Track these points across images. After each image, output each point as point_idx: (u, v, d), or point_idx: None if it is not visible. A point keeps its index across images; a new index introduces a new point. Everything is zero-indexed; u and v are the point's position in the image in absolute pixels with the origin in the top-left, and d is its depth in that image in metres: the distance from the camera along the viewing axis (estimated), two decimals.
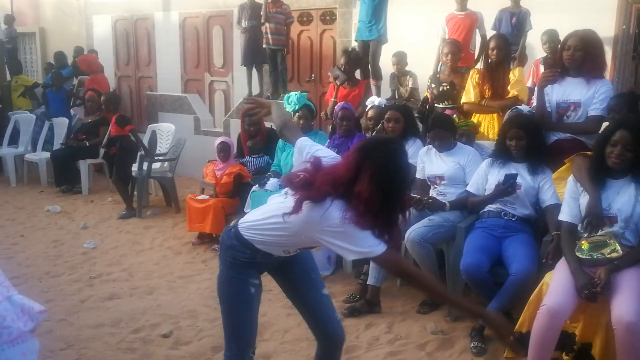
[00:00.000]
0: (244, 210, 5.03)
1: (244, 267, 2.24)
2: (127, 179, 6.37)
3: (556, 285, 2.77)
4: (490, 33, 5.61)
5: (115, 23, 11.11)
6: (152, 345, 3.35)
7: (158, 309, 3.84)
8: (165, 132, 7.00)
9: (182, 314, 3.77)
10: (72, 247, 5.14)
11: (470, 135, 4.32)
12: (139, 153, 6.36)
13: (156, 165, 6.44)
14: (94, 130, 7.17)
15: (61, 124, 7.78)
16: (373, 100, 5.08)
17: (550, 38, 5.38)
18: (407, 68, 6.06)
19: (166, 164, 6.54)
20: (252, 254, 2.21)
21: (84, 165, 7.06)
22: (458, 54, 5.03)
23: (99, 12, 11.29)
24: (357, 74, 6.08)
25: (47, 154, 7.51)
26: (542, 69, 5.47)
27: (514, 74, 4.56)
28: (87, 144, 7.06)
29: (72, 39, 10.85)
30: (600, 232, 2.81)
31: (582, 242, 2.84)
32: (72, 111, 8.70)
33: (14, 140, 8.11)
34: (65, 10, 11.86)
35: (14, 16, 11.24)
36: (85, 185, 7.12)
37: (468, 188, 3.77)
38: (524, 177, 3.51)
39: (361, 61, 6.07)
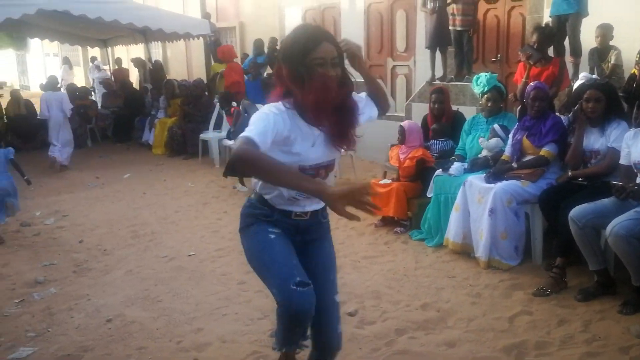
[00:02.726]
0: (427, 194, 5.02)
1: (263, 223, 2.21)
2: None
3: None
4: None
5: (305, 13, 11.68)
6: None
7: (344, 287, 3.98)
8: None
9: (367, 294, 3.89)
10: None
11: None
12: None
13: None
14: None
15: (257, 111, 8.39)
16: (586, 77, 4.69)
17: None
18: (610, 43, 5.48)
19: None
20: (269, 211, 2.20)
21: None
22: None
23: (291, 4, 11.95)
24: (550, 51, 5.65)
25: None
26: None
27: None
28: None
29: (268, 31, 11.65)
30: None
31: None
32: None
33: (217, 126, 8.98)
34: (261, 4, 12.77)
35: (209, 13, 12.36)
36: None
37: None
38: None
39: (554, 37, 5.64)
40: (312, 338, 2.33)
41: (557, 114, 4.66)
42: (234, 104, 8.18)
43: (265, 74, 10.35)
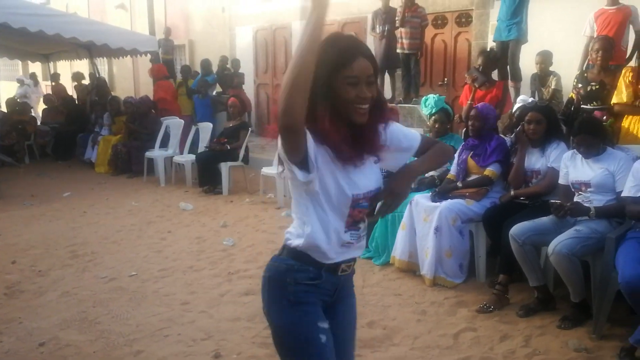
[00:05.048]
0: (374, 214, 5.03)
1: (308, 302, 1.76)
2: None
3: None
4: None
5: (256, 33, 11.72)
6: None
7: None
8: None
9: None
10: (213, 243, 5.46)
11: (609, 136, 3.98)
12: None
13: None
14: (235, 135, 7.58)
15: (206, 129, 8.32)
16: (524, 100, 4.85)
17: None
18: (550, 68, 5.72)
19: None
20: (315, 270, 1.76)
21: (225, 168, 7.49)
22: (610, 51, 4.66)
23: (242, 23, 11.97)
24: (494, 75, 5.85)
25: (193, 157, 8.07)
26: None
27: None
28: (228, 148, 7.48)
29: (218, 49, 11.61)
30: None
31: None
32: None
33: (164, 144, 8.82)
34: (211, 22, 12.73)
35: (169, 29, 12.24)
36: (225, 186, 7.55)
37: (625, 194, 3.41)
38: None
39: (499, 62, 5.84)
40: None
41: (501, 135, 4.79)
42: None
43: (214, 92, 10.29)
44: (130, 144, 9.04)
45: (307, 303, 1.77)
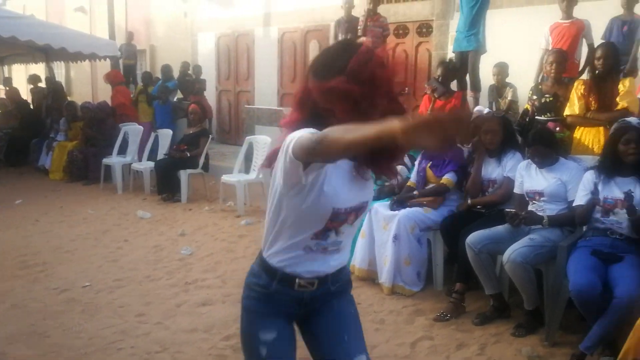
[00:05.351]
0: None
1: (256, 311, 1.78)
2: None
3: None
4: (599, 42, 5.28)
5: (218, 39, 11.63)
6: (241, 354, 3.39)
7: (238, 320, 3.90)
8: (261, 144, 7.18)
9: None
10: (171, 252, 5.36)
11: (563, 147, 4.09)
12: None
13: (251, 176, 6.64)
14: (195, 142, 7.49)
15: (165, 135, 8.19)
16: (480, 110, 4.93)
17: None
18: (507, 80, 5.84)
19: (261, 174, 6.71)
20: (267, 279, 1.76)
21: (184, 175, 7.38)
22: (563, 63, 4.78)
23: (205, 29, 11.87)
24: (454, 85, 5.94)
25: (152, 164, 7.93)
26: None
27: (623, 85, 4.27)
28: (188, 155, 7.38)
29: (179, 55, 11.46)
30: None
31: None
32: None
33: (123, 150, 8.64)
34: (173, 28, 12.59)
35: (132, 34, 12.05)
36: (184, 194, 7.43)
37: (577, 202, 3.51)
38: (635, 193, 3.26)
39: (458, 72, 5.94)
40: None
41: (458, 145, 4.85)
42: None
43: (175, 98, 10.16)
44: (87, 150, 8.83)
45: (255, 312, 1.79)
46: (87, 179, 8.69)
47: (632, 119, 3.75)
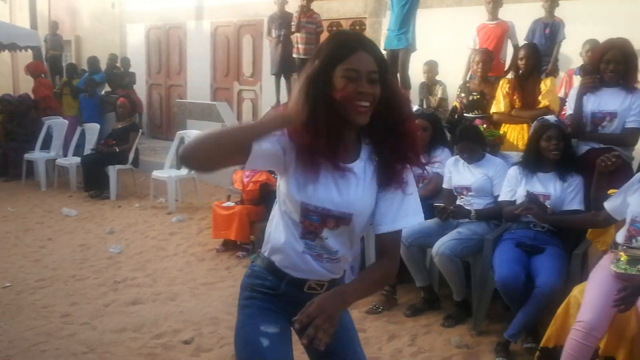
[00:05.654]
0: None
1: (258, 306, 1.74)
2: None
3: (591, 301, 2.65)
4: (523, 43, 5.52)
5: (148, 32, 11.31)
6: (173, 352, 3.34)
7: (180, 315, 3.83)
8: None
9: (204, 320, 3.75)
10: (98, 251, 5.18)
11: (494, 145, 4.24)
12: None
13: (183, 172, 6.52)
14: (124, 136, 7.26)
15: (92, 130, 7.89)
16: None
17: (593, 47, 5.26)
18: (437, 78, 6.00)
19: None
20: (275, 281, 1.73)
21: (112, 171, 7.14)
22: (489, 63, 4.96)
23: (133, 20, 11.51)
24: None
25: (78, 159, 7.62)
26: (576, 78, 5.35)
27: (545, 84, 4.47)
28: (117, 150, 7.15)
29: (107, 47, 11.07)
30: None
31: (621, 253, 2.72)
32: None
33: (46, 145, 8.26)
34: (100, 18, 12.13)
35: (56, 23, 11.51)
36: (113, 190, 7.19)
37: (502, 198, 3.66)
38: (554, 187, 3.43)
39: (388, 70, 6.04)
40: None
41: None
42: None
43: (103, 92, 9.79)
44: (8, 145, 8.38)
45: (256, 307, 1.74)
46: (8, 175, 8.25)
47: (550, 117, 3.93)
